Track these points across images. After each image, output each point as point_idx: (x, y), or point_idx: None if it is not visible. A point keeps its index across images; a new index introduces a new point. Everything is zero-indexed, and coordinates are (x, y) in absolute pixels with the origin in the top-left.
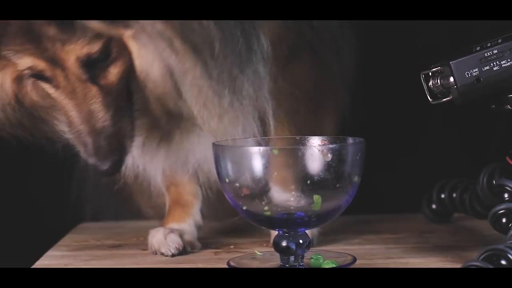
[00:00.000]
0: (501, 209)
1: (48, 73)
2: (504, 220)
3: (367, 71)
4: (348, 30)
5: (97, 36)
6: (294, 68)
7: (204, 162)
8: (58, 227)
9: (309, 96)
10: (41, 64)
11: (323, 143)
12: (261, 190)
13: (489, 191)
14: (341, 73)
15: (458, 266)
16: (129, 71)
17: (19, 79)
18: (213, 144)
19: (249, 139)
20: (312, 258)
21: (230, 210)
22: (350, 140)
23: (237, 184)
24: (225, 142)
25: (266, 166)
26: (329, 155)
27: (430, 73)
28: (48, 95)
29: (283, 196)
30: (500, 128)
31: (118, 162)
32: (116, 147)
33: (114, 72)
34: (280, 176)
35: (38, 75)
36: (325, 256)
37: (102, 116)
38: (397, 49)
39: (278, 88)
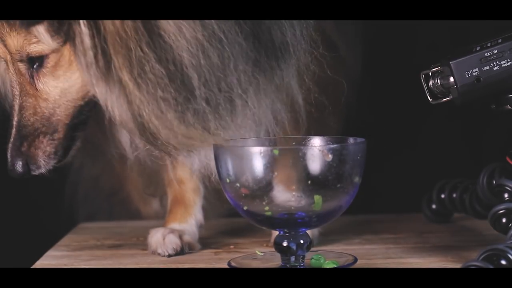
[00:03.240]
0: (501, 209)
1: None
2: (504, 220)
3: (366, 71)
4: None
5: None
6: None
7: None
8: (58, 227)
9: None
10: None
11: (324, 143)
12: (262, 191)
13: (489, 191)
14: (352, 68)
15: (458, 266)
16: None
17: None
18: (214, 144)
19: (249, 139)
20: (313, 258)
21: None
22: (351, 140)
23: (238, 184)
24: (226, 142)
25: (267, 167)
26: (330, 155)
27: (430, 73)
28: None
29: (284, 196)
30: (500, 128)
31: (25, 167)
32: (25, 150)
33: (53, 84)
34: (281, 177)
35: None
36: (326, 257)
37: (26, 116)
38: (397, 49)
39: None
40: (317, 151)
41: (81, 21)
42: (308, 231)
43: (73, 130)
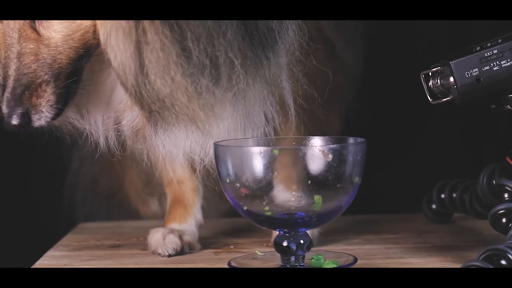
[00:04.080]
0: (501, 209)
1: None
2: (504, 220)
3: (366, 71)
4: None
5: None
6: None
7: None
8: (58, 227)
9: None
10: None
11: (324, 143)
12: (262, 191)
13: (489, 191)
14: (352, 67)
15: (458, 266)
16: (85, 42)
17: None
18: (214, 144)
19: (250, 139)
20: (313, 258)
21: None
22: (351, 140)
23: (238, 184)
24: (226, 142)
25: (267, 167)
26: (330, 155)
27: (430, 73)
28: None
29: (284, 196)
30: (500, 128)
31: (25, 117)
32: (26, 100)
33: (56, 28)
34: (281, 177)
35: None
36: (326, 257)
37: (27, 63)
38: (397, 49)
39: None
40: (317, 151)
41: None
42: (308, 231)
43: (68, 78)
